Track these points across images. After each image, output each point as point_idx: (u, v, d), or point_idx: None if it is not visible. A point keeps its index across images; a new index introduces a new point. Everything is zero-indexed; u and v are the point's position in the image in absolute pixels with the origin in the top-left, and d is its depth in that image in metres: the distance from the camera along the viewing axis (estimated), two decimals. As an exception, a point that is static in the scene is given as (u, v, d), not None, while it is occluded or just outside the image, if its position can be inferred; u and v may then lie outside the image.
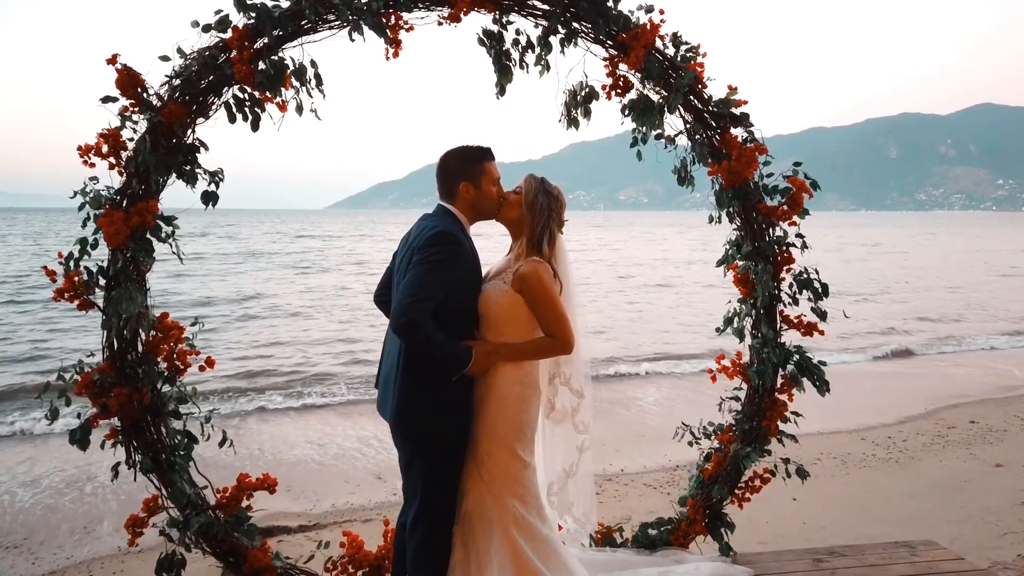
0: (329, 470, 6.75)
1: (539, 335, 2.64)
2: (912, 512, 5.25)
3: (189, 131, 2.84)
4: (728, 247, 3.31)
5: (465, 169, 2.67)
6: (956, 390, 9.36)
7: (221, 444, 2.82)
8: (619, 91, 3.09)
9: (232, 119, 2.83)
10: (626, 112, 3.11)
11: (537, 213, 2.69)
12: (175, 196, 2.89)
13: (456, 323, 2.56)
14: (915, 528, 4.91)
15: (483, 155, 2.69)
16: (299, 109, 2.96)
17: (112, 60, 2.66)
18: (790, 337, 3.25)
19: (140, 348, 2.81)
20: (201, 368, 2.90)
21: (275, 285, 23.35)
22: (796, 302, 3.21)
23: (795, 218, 3.18)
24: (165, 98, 2.77)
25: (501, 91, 3.16)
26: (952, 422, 7.52)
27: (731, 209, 3.16)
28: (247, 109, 2.84)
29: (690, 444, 3.35)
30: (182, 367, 2.87)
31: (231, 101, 2.83)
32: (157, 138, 2.72)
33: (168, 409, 2.83)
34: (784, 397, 3.21)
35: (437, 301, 2.43)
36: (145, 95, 2.73)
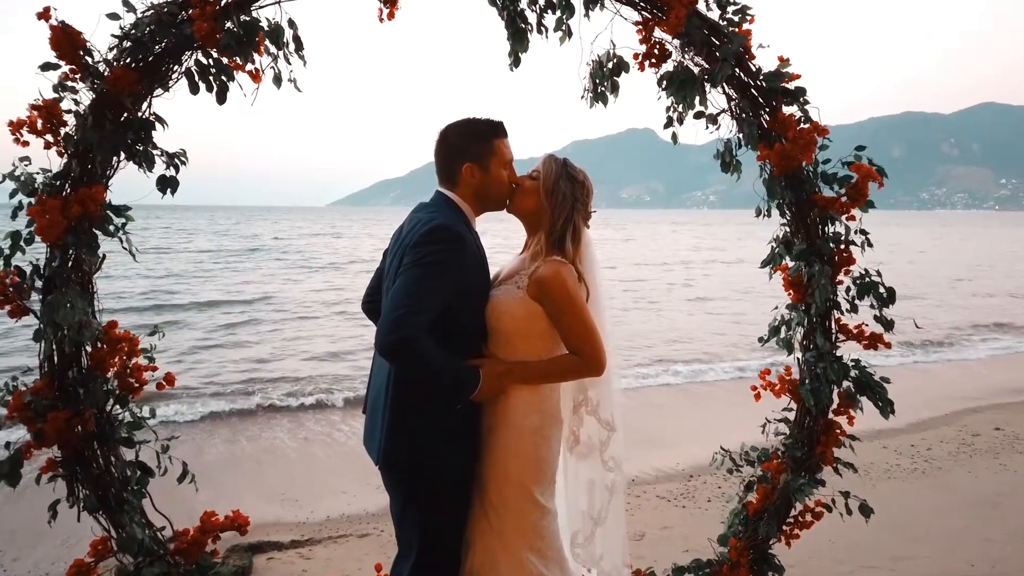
0: (326, 477, 6.23)
1: (561, 352, 2.10)
2: (947, 530, 4.71)
3: (144, 104, 2.30)
4: (775, 245, 2.77)
5: (470, 147, 2.11)
6: (961, 392, 8.82)
7: (180, 479, 2.28)
8: (654, 61, 2.54)
9: (194, 89, 2.28)
10: (662, 85, 2.56)
11: (558, 202, 2.14)
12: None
13: (459, 338, 2.01)
14: (952, 549, 4.39)
15: (492, 130, 2.13)
16: (276, 80, 2.41)
17: (44, 15, 2.10)
18: (847, 349, 2.72)
19: (85, 363, 2.27)
20: (159, 386, 2.36)
21: (281, 285, 22.61)
22: (855, 309, 2.67)
23: (852, 212, 2.65)
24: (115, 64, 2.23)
25: (515, 61, 2.61)
26: (975, 428, 6.97)
27: (782, 201, 2.62)
28: (212, 78, 2.29)
29: (730, 472, 2.81)
30: (136, 385, 2.33)
31: (193, 68, 2.28)
32: (102, 111, 2.18)
33: (118, 436, 2.29)
34: (841, 419, 2.67)
35: (435, 313, 1.88)
36: (88, 59, 2.18)
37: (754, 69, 2.56)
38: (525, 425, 2.05)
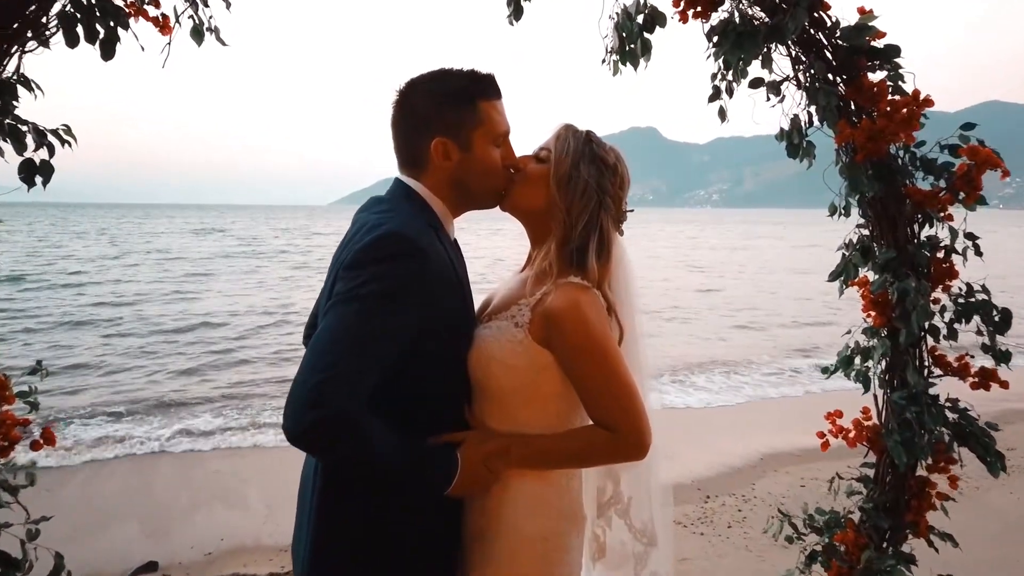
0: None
1: (581, 421, 1.39)
2: (998, 561, 4.06)
3: (11, 63, 1.61)
4: (846, 252, 2.07)
5: (441, 113, 1.34)
6: (971, 396, 8.09)
7: (54, 577, 1.61)
8: (700, 10, 1.85)
9: (72, 41, 1.59)
10: (712, 40, 1.85)
11: (578, 196, 1.40)
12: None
13: (424, 407, 1.31)
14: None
15: (478, 88, 1.36)
16: (196, 33, 1.73)
17: None
18: (943, 387, 2.04)
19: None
20: (35, 445, 1.68)
21: (285, 290, 21.38)
22: (955, 336, 1.98)
23: (950, 210, 1.96)
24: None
25: (515, 12, 1.91)
26: (1010, 442, 6.25)
27: (865, 194, 1.92)
28: (97, 23, 1.60)
29: (789, 540, 2.13)
30: (5, 444, 1.66)
31: (70, 10, 1.59)
32: (-63, 69, 1.50)
33: (-24, 514, 1.62)
34: (940, 478, 2.00)
35: (379, 372, 1.16)
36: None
37: (830, 23, 1.87)
38: (529, 531, 1.33)
